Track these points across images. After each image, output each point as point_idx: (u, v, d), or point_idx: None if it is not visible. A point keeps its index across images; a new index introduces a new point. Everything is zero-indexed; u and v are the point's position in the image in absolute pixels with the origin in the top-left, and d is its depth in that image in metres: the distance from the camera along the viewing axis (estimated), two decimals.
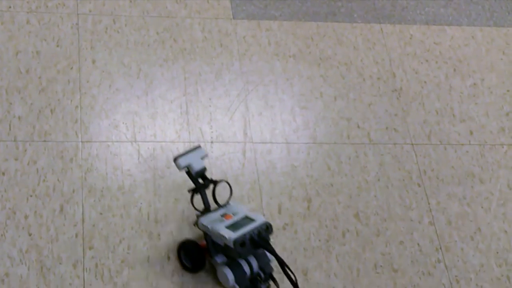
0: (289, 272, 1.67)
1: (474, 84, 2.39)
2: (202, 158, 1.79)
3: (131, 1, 2.30)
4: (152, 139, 2.04)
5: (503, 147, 2.25)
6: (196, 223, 1.79)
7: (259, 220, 1.72)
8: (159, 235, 1.88)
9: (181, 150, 2.02)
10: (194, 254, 1.82)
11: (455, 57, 2.44)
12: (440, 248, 2.02)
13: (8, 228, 1.81)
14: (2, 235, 1.80)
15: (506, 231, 2.08)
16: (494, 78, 2.42)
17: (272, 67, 2.27)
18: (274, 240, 1.93)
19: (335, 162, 2.12)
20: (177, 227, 1.90)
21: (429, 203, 2.09)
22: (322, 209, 2.02)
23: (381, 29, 2.45)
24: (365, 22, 2.46)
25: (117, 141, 2.01)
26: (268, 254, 1.76)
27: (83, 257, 1.81)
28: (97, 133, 2.02)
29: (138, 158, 2.00)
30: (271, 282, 1.79)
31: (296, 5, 2.44)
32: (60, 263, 1.79)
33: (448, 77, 2.38)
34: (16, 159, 1.92)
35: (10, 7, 2.20)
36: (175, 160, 1.77)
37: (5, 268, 1.76)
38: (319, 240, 1.96)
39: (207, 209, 1.79)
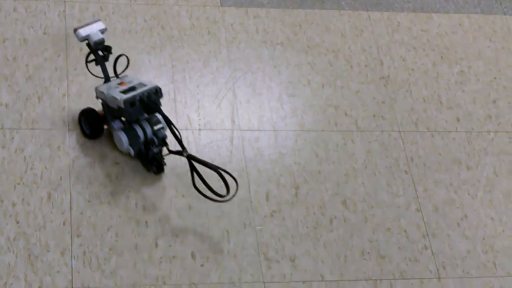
0: (175, 131, 1.85)
1: (461, 71, 2.39)
2: (102, 32, 1.93)
3: None
4: None
5: (489, 134, 2.26)
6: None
7: (150, 85, 1.88)
8: (146, 222, 1.88)
9: (170, 138, 2.03)
10: (93, 121, 1.96)
11: (442, 45, 2.45)
12: (427, 234, 2.03)
13: None
14: None
15: (492, 218, 2.10)
16: (481, 65, 2.43)
17: (260, 55, 2.27)
18: (263, 227, 1.94)
19: (322, 150, 2.12)
20: (165, 214, 1.90)
21: (416, 190, 2.10)
22: (310, 196, 2.03)
23: (369, 16, 2.46)
24: (352, 10, 2.46)
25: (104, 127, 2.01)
26: (161, 121, 1.90)
27: (71, 245, 1.81)
28: None
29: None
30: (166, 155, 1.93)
31: None
32: (48, 251, 1.79)
33: (436, 65, 2.38)
34: (3, 147, 1.92)
35: None
36: (74, 30, 1.92)
37: None
38: (307, 227, 1.97)
39: (106, 80, 1.94)
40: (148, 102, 1.84)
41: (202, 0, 2.35)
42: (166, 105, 2.09)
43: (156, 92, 1.87)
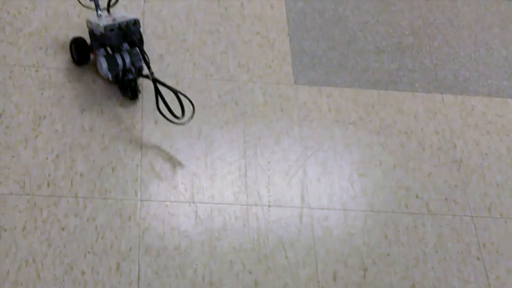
0: (145, 56, 2.09)
1: None
2: None
3: (194, 64, 2.34)
4: (210, 200, 2.05)
5: None
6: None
7: (131, 17, 2.15)
8: None
9: (239, 213, 2.03)
10: (81, 49, 2.23)
11: None
12: None
13: (65, 284, 1.83)
14: None
15: None
16: None
17: (332, 134, 2.27)
18: None
19: (392, 231, 2.10)
20: None
21: (488, 278, 2.05)
22: (378, 279, 1.99)
23: (443, 99, 2.45)
24: (426, 92, 2.45)
25: (175, 201, 2.03)
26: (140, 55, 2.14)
27: None
28: (156, 192, 2.04)
29: (196, 219, 2.01)
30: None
31: (358, 72, 2.46)
32: None
33: (510, 150, 2.35)
34: (76, 215, 1.95)
35: (77, 66, 2.26)
36: None
37: None
38: None
39: (98, 15, 2.18)
40: (125, 30, 2.11)
41: (276, 77, 2.37)
42: (237, 180, 2.10)
43: (135, 23, 2.13)
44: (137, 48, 2.15)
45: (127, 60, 2.15)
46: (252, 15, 2.51)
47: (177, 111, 2.06)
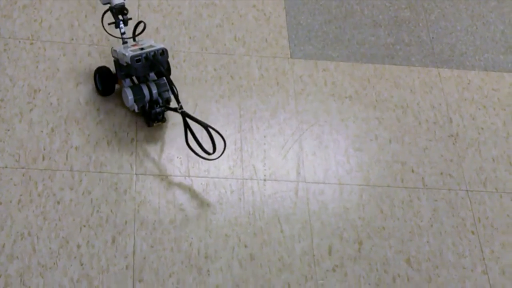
0: (174, 88, 2.00)
1: None
2: None
3: (190, 37, 2.33)
4: (205, 174, 2.05)
5: None
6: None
7: (158, 46, 2.02)
8: (208, 271, 1.88)
9: (234, 187, 2.03)
10: (106, 79, 2.13)
11: None
12: None
13: (61, 257, 1.83)
14: (54, 263, 1.82)
15: None
16: None
17: (328, 108, 2.27)
18: (324, 282, 1.92)
19: (387, 206, 2.10)
20: (226, 263, 1.90)
21: (482, 252, 2.06)
22: (373, 253, 2.00)
23: (439, 73, 2.44)
24: (422, 66, 2.45)
25: (170, 175, 2.03)
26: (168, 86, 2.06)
27: None
28: (151, 166, 2.03)
29: (191, 193, 2.01)
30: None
31: (354, 46, 2.45)
32: None
33: (506, 124, 2.35)
34: (71, 189, 1.95)
35: (72, 39, 2.25)
36: None
37: None
38: (369, 284, 1.94)
39: (124, 42, 2.08)
40: (153, 60, 1.99)
41: (272, 51, 2.37)
42: (232, 154, 2.10)
43: (162, 53, 2.01)
44: (164, 79, 2.06)
45: (154, 91, 2.04)
46: None
47: (207, 146, 1.99)
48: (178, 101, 1.98)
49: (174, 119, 2.12)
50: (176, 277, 1.85)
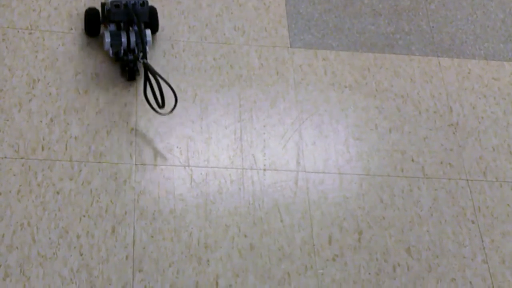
0: (143, 36, 2.05)
1: None
2: None
3: (189, 27, 2.32)
4: (205, 164, 2.05)
5: None
6: None
7: None
8: (208, 260, 1.88)
9: (234, 177, 2.03)
10: (92, 19, 2.19)
11: None
12: (493, 287, 1.98)
13: (60, 247, 1.83)
14: (54, 253, 1.82)
15: None
16: None
17: (327, 97, 2.26)
18: (324, 271, 1.92)
19: (387, 195, 2.10)
20: (226, 253, 1.90)
21: (482, 241, 2.06)
22: (373, 242, 2.00)
23: (439, 62, 2.43)
24: (422, 55, 2.44)
25: (170, 165, 2.03)
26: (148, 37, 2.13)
27: (133, 280, 1.82)
28: (151, 156, 2.03)
29: (191, 183, 2.00)
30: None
31: (354, 35, 2.44)
32: (109, 284, 1.80)
33: (506, 114, 2.34)
34: (70, 179, 1.95)
35: (71, 28, 2.24)
36: None
37: (56, 287, 1.77)
38: (369, 274, 1.94)
39: None
40: (130, 8, 2.06)
41: (271, 40, 2.36)
42: (232, 144, 2.09)
43: (143, 4, 2.08)
44: (148, 31, 2.13)
45: (132, 39, 2.10)
46: None
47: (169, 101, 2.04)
48: (143, 51, 2.05)
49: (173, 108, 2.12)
50: (176, 266, 1.85)
